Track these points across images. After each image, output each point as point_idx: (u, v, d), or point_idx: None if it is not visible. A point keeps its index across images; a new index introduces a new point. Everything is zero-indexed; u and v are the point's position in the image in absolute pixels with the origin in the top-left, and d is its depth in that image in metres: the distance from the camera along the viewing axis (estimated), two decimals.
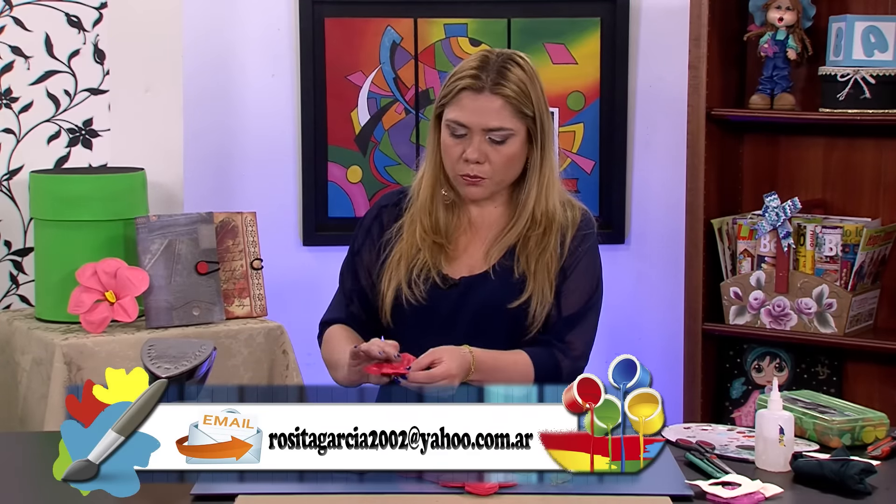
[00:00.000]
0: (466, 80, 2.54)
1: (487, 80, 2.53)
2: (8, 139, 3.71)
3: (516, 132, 2.54)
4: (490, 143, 2.54)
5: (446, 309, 2.58)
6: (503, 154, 2.55)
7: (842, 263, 3.65)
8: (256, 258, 3.61)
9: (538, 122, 2.56)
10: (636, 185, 4.15)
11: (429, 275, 2.59)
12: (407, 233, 2.63)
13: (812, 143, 3.89)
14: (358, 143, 4.10)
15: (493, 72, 2.53)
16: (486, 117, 2.53)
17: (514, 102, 2.53)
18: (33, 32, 3.71)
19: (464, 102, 2.54)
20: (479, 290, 2.58)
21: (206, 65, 4.05)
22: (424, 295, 2.58)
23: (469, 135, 2.54)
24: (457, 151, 2.56)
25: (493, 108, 2.53)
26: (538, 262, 2.58)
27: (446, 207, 2.63)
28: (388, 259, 2.62)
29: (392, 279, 2.60)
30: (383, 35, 4.07)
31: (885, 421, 2.47)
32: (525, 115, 2.54)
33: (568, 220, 2.62)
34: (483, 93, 2.53)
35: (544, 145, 2.58)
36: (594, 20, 4.08)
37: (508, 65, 2.55)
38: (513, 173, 2.60)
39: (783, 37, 3.78)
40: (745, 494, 2.14)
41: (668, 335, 4.06)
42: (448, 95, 2.56)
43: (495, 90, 2.52)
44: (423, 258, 2.60)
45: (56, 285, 3.49)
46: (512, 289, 2.58)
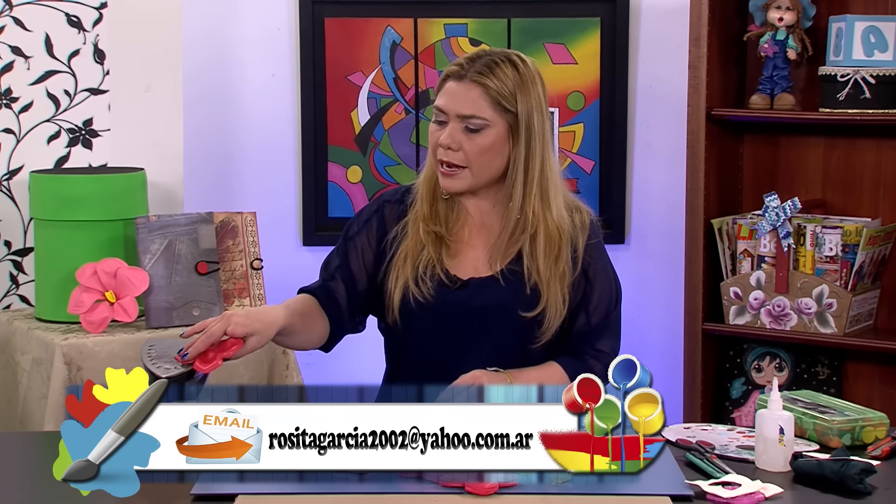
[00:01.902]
0: (452, 68, 2.57)
1: (471, 69, 2.54)
2: (8, 139, 3.71)
3: (492, 123, 2.53)
4: (466, 131, 2.54)
5: (455, 309, 2.58)
6: (477, 143, 2.54)
7: (842, 263, 3.65)
8: (256, 258, 3.61)
9: (523, 120, 2.54)
10: (636, 185, 4.15)
11: (434, 272, 2.59)
12: (412, 230, 2.63)
13: (812, 143, 3.89)
14: (358, 143, 4.10)
15: (480, 63, 2.54)
16: (462, 104, 2.53)
17: (492, 94, 2.52)
18: (33, 32, 3.71)
19: (446, 88, 2.56)
20: (488, 294, 2.58)
21: (206, 65, 4.05)
22: (432, 293, 2.58)
23: (447, 121, 2.55)
24: (436, 137, 2.57)
25: (471, 96, 2.53)
26: (552, 273, 2.57)
27: (446, 200, 2.63)
28: (394, 258, 2.62)
29: (399, 277, 2.60)
30: (383, 35, 4.07)
31: (885, 421, 2.47)
32: (505, 109, 2.53)
33: (577, 226, 2.62)
34: (463, 80, 2.54)
35: (529, 142, 2.56)
36: (594, 20, 4.08)
37: (500, 61, 2.55)
38: (490, 167, 2.57)
39: (783, 37, 3.78)
40: (745, 494, 2.14)
41: (668, 335, 4.06)
42: (438, 84, 2.60)
43: (475, 78, 2.53)
44: (427, 255, 2.60)
45: (56, 285, 3.49)
46: (524, 298, 2.57)
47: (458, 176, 2.56)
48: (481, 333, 2.56)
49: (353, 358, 3.38)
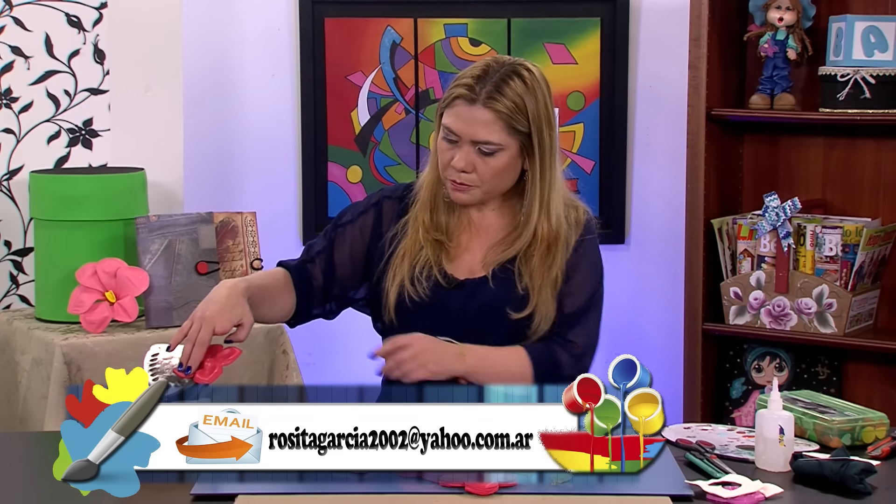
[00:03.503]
0: (461, 90, 2.52)
1: (482, 92, 2.49)
2: (8, 139, 3.71)
3: (506, 147, 2.52)
4: (479, 153, 2.52)
5: (450, 308, 2.58)
6: (491, 166, 2.53)
7: (842, 263, 3.65)
8: (256, 258, 3.61)
9: (534, 138, 2.52)
10: (636, 185, 4.14)
11: (431, 272, 2.59)
12: (411, 230, 2.63)
13: (812, 143, 3.89)
14: (358, 143, 4.10)
15: (490, 84, 2.50)
16: (476, 129, 2.50)
17: (505, 118, 2.49)
18: (33, 32, 3.71)
19: (457, 110, 2.52)
20: (481, 294, 2.57)
21: (206, 65, 4.05)
22: (428, 292, 2.58)
23: (460, 143, 2.53)
24: (447, 157, 2.55)
25: (484, 120, 2.50)
26: (544, 279, 2.56)
27: (447, 206, 2.62)
28: (393, 256, 2.62)
29: (396, 276, 2.60)
30: (383, 35, 4.07)
31: (885, 421, 2.47)
32: (518, 131, 2.51)
33: (571, 224, 2.61)
34: (475, 104, 2.50)
35: (542, 158, 2.55)
36: (594, 20, 4.08)
37: (509, 77, 2.52)
38: (503, 184, 2.58)
39: (783, 37, 3.78)
40: (745, 494, 2.14)
41: (668, 335, 4.06)
42: (446, 100, 2.55)
43: (487, 104, 2.49)
44: (425, 255, 2.60)
45: (56, 285, 3.49)
46: (515, 299, 2.56)
47: (468, 192, 2.56)
48: (475, 333, 2.56)
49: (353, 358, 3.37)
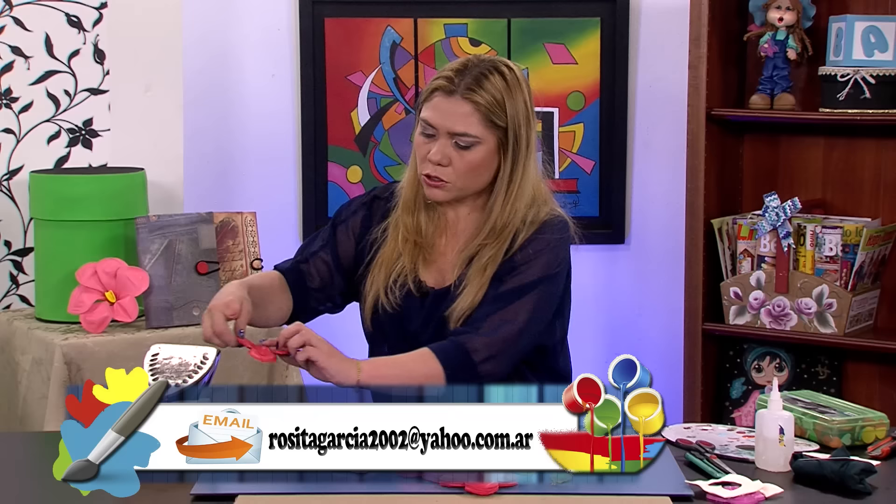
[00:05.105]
0: (440, 81, 2.51)
1: (461, 83, 2.49)
2: (8, 139, 3.71)
3: (483, 140, 2.50)
4: (455, 147, 2.50)
5: (414, 319, 2.57)
6: (466, 160, 2.51)
7: (842, 263, 3.65)
8: (256, 258, 3.61)
9: (511, 134, 2.51)
10: (636, 185, 4.14)
11: (405, 282, 2.57)
12: (391, 237, 2.61)
13: (812, 143, 3.89)
14: (358, 143, 4.10)
15: (469, 77, 2.49)
16: (453, 121, 2.49)
17: (483, 111, 2.49)
18: (33, 32, 3.71)
19: (434, 102, 2.51)
20: (443, 306, 2.55)
21: (206, 65, 4.05)
22: (399, 302, 2.57)
23: (437, 136, 2.51)
24: (424, 150, 2.53)
25: (461, 112, 2.49)
26: (485, 269, 2.52)
27: (427, 207, 2.61)
28: (372, 262, 2.62)
29: (372, 286, 2.60)
30: (383, 35, 4.07)
31: (885, 421, 2.47)
32: (496, 125, 2.50)
33: (526, 223, 2.55)
34: (454, 96, 2.49)
35: (516, 158, 2.52)
36: (594, 20, 4.08)
37: (488, 72, 2.51)
38: (478, 181, 2.55)
39: (783, 37, 3.78)
40: (745, 494, 2.14)
41: (668, 335, 4.06)
42: (424, 94, 2.55)
43: (466, 95, 2.48)
44: (401, 264, 2.58)
45: (56, 285, 3.49)
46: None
47: (443, 188, 2.53)
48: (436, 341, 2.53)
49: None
